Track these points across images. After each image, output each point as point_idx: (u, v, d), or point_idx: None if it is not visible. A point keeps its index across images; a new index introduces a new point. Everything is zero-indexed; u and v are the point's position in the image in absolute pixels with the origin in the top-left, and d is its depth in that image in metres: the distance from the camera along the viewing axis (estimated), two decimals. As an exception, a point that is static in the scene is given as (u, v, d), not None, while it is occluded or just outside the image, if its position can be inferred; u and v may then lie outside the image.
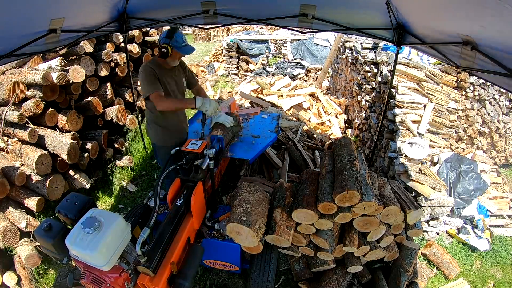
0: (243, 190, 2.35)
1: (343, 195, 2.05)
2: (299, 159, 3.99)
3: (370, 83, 4.96)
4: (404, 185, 3.38)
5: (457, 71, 4.36)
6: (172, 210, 1.90)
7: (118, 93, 4.51)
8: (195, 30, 18.55)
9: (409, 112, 3.91)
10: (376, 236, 2.39)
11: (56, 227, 1.56)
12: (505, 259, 3.36)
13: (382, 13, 2.94)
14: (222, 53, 11.11)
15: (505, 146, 5.03)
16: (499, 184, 4.34)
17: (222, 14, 3.49)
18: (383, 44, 5.16)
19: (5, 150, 3.31)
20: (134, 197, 3.94)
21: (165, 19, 3.63)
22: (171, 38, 2.35)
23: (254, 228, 2.00)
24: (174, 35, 2.36)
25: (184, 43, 2.42)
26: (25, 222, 2.87)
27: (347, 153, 2.43)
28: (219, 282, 2.79)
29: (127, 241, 1.59)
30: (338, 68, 7.51)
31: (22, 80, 3.19)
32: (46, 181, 3.11)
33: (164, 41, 2.36)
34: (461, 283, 3.00)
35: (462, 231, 3.53)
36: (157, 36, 5.55)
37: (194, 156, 2.14)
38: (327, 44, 10.24)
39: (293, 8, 3.23)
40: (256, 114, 3.43)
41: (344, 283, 2.51)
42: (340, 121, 6.17)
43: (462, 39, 2.19)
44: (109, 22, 3.38)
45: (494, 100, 4.62)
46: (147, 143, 4.65)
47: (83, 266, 1.58)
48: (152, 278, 1.58)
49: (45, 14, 2.42)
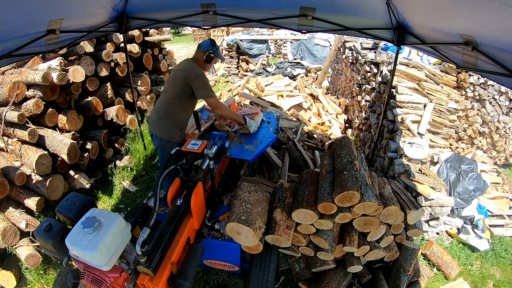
0: (243, 190, 2.36)
1: (343, 195, 2.05)
2: (299, 159, 3.99)
3: (370, 83, 4.96)
4: (404, 185, 3.38)
5: (457, 71, 4.36)
6: (172, 210, 1.90)
7: (118, 93, 4.51)
8: (195, 30, 18.55)
9: (409, 112, 3.91)
10: (376, 236, 2.39)
11: (56, 227, 1.56)
12: (505, 259, 3.36)
13: (382, 13, 2.94)
14: (222, 53, 11.11)
15: (505, 146, 5.03)
16: (499, 184, 4.34)
17: (222, 14, 3.49)
18: (383, 44, 5.16)
19: (5, 150, 3.31)
20: (134, 197, 3.93)
21: (164, 20, 3.63)
22: (215, 46, 2.78)
23: (254, 227, 2.00)
24: (216, 44, 2.80)
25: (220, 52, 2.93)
26: (25, 222, 2.87)
27: (347, 153, 2.43)
28: (219, 282, 2.79)
29: (127, 241, 1.59)
30: (338, 68, 7.51)
31: (22, 80, 3.19)
32: (46, 181, 3.11)
33: (211, 48, 2.75)
34: (461, 283, 3.00)
35: (462, 231, 3.53)
36: (157, 36, 5.56)
37: (194, 156, 2.14)
38: (327, 44, 10.24)
39: (293, 11, 3.26)
40: (256, 114, 3.42)
41: (344, 283, 2.51)
42: (340, 121, 6.17)
43: (463, 39, 2.19)
44: (108, 22, 3.38)
45: (494, 100, 4.61)
46: (147, 143, 4.65)
47: (83, 266, 1.58)
48: (152, 278, 1.58)
49: (44, 15, 2.42)
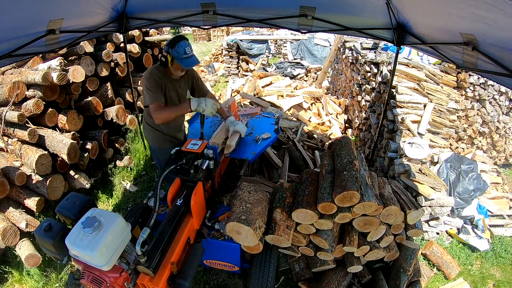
0: (243, 189, 2.36)
1: (343, 196, 2.05)
2: (299, 159, 3.99)
3: (370, 83, 4.96)
4: (404, 185, 3.38)
5: (457, 71, 4.36)
6: (172, 210, 1.90)
7: (118, 93, 4.51)
8: (195, 30, 18.58)
9: (409, 112, 3.91)
10: (376, 236, 2.39)
11: (56, 227, 1.56)
12: (505, 259, 3.36)
13: (382, 13, 2.94)
14: (222, 53, 11.12)
15: (505, 146, 5.03)
16: (499, 184, 4.34)
17: (222, 14, 3.49)
18: (383, 44, 5.16)
19: (5, 150, 3.31)
20: (134, 197, 3.94)
21: (164, 19, 3.63)
22: (173, 47, 2.19)
23: (254, 227, 2.00)
24: (177, 44, 2.18)
25: (186, 54, 2.21)
26: (25, 222, 2.87)
27: (347, 153, 2.43)
28: (219, 282, 2.79)
29: (127, 241, 1.59)
30: (338, 68, 7.51)
31: (22, 80, 3.19)
32: (46, 181, 3.11)
33: (165, 49, 2.23)
34: (461, 283, 3.00)
35: (462, 231, 3.53)
36: (157, 36, 5.54)
37: (194, 156, 2.14)
38: (327, 44, 10.24)
39: (293, 11, 3.25)
40: (256, 114, 3.42)
41: (344, 283, 2.51)
42: (340, 121, 6.17)
43: (464, 39, 2.18)
44: (108, 22, 3.38)
45: (494, 100, 4.62)
46: (147, 143, 4.65)
47: (83, 266, 1.58)
48: (152, 278, 1.58)
49: (44, 15, 2.42)
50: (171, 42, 2.23)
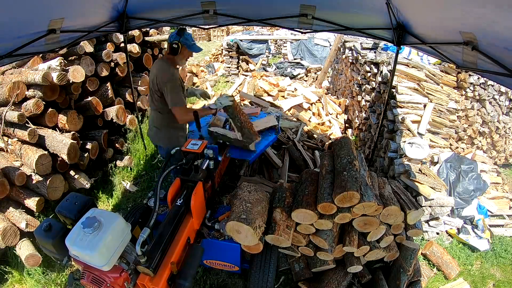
0: (243, 189, 2.36)
1: (343, 196, 2.05)
2: (299, 159, 3.99)
3: (370, 83, 4.96)
4: (404, 185, 3.38)
5: (457, 71, 4.36)
6: (172, 210, 1.90)
7: (118, 93, 4.51)
8: (195, 30, 18.53)
9: (409, 112, 3.91)
10: (376, 236, 2.39)
11: (56, 227, 1.56)
12: (505, 259, 3.36)
13: (382, 13, 2.94)
14: (222, 53, 11.10)
15: (505, 146, 5.03)
16: (499, 184, 4.34)
17: (222, 14, 3.49)
18: (383, 44, 5.16)
19: (5, 150, 3.31)
20: (134, 197, 3.94)
21: (165, 19, 3.63)
22: (182, 36, 2.41)
23: (254, 226, 2.00)
24: (184, 33, 2.42)
25: (193, 42, 2.48)
26: (25, 222, 2.87)
27: (346, 153, 2.43)
28: (219, 282, 2.79)
29: (127, 241, 1.59)
30: (338, 68, 7.51)
31: (22, 80, 3.19)
32: (46, 181, 3.11)
33: (174, 38, 2.41)
34: (461, 283, 3.00)
35: (462, 231, 3.53)
36: (157, 36, 5.55)
37: (194, 156, 2.14)
38: (327, 44, 10.23)
39: (293, 9, 3.24)
40: (256, 114, 3.42)
41: (344, 283, 2.51)
42: (340, 121, 6.17)
43: (464, 38, 2.18)
44: (108, 22, 3.38)
45: (494, 100, 4.61)
46: (147, 143, 4.64)
47: (83, 266, 1.58)
48: (152, 278, 1.58)
49: (44, 14, 2.42)
50: (178, 32, 2.44)
